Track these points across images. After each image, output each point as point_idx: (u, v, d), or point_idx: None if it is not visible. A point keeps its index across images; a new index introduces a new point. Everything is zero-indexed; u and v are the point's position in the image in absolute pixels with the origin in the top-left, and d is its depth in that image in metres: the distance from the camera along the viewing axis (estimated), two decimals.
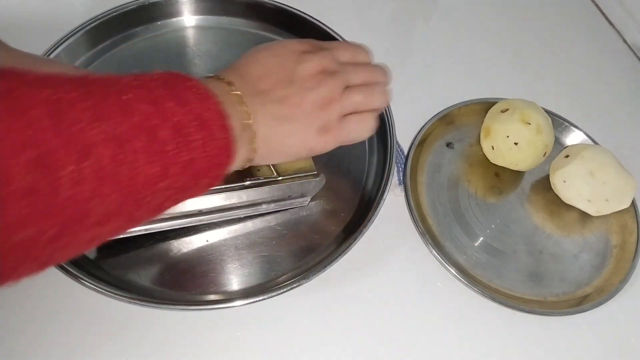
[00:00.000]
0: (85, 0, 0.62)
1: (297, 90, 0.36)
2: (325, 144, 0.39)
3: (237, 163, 0.35)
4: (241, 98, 0.34)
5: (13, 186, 0.22)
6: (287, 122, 0.36)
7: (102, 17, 0.58)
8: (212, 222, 0.48)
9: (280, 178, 0.46)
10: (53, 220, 0.24)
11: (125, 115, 0.27)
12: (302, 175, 0.47)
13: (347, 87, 0.38)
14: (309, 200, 0.51)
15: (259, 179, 0.45)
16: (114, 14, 0.58)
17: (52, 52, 0.55)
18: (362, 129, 0.40)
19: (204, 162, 0.31)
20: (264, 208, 0.49)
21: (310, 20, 0.61)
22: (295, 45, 0.39)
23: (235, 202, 0.47)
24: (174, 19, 0.62)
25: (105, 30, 0.58)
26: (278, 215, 0.51)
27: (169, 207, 0.32)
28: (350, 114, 0.39)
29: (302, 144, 0.38)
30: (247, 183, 0.45)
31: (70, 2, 0.62)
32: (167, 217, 0.45)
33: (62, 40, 0.55)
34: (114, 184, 0.26)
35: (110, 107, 0.26)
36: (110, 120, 0.26)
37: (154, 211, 0.31)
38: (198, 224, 0.48)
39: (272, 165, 0.46)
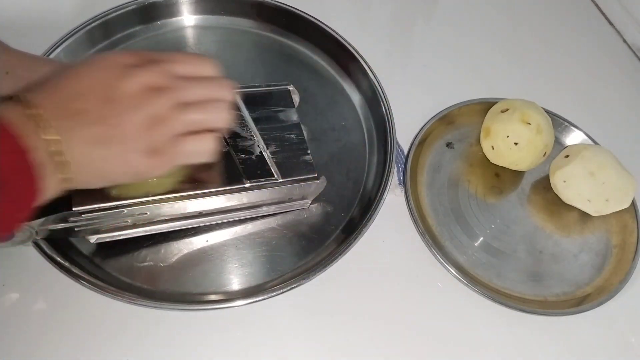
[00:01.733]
0: (85, 0, 0.62)
1: (117, 110, 0.33)
2: (154, 168, 0.35)
3: (48, 195, 0.32)
4: (46, 122, 0.30)
5: None
6: (105, 146, 0.33)
7: (102, 16, 0.58)
8: (212, 224, 0.48)
9: (280, 180, 0.46)
10: None
11: None
12: (303, 178, 0.47)
13: (182, 105, 0.35)
14: (309, 202, 0.51)
15: (259, 181, 0.45)
16: (114, 13, 0.58)
17: (52, 52, 0.55)
18: (198, 151, 0.36)
19: (4, 208, 0.29)
20: (264, 210, 0.49)
21: (310, 20, 0.61)
22: (120, 58, 0.34)
23: (236, 204, 0.47)
24: (173, 19, 0.62)
25: (105, 30, 0.58)
26: (278, 215, 0.50)
27: None
28: (189, 133, 0.36)
29: (126, 168, 0.34)
30: (247, 185, 0.45)
31: (71, 2, 0.62)
32: (167, 218, 0.45)
33: (62, 40, 0.55)
34: None
35: None
36: None
37: None
38: (199, 225, 0.48)
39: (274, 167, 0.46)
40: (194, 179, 0.44)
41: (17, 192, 0.29)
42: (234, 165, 0.46)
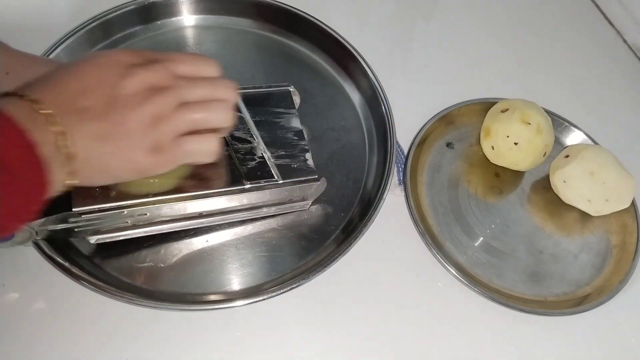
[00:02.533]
0: (85, 0, 0.62)
1: (120, 108, 0.33)
2: (157, 165, 0.36)
3: (56, 189, 0.32)
4: (53, 117, 0.31)
5: None
6: (109, 142, 0.33)
7: (102, 16, 0.58)
8: (212, 224, 0.48)
9: (281, 182, 0.46)
10: None
11: None
12: (303, 179, 0.47)
13: (185, 104, 0.35)
14: (310, 203, 0.50)
15: (259, 182, 0.45)
16: (114, 13, 0.58)
17: (52, 52, 0.54)
18: (201, 150, 0.36)
19: (16, 201, 0.29)
20: (264, 211, 0.49)
21: (310, 20, 0.61)
22: (122, 56, 0.35)
23: (236, 205, 0.47)
24: (173, 19, 0.62)
25: (105, 30, 0.58)
26: (278, 216, 0.50)
27: None
28: (191, 133, 0.36)
29: (129, 165, 0.35)
30: (248, 186, 0.45)
31: (71, 2, 0.62)
32: (167, 219, 0.45)
33: (62, 40, 0.55)
34: None
35: None
36: None
37: None
38: (199, 226, 0.48)
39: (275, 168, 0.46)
40: (195, 178, 0.44)
41: (28, 185, 0.30)
42: (235, 167, 0.46)
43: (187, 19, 0.62)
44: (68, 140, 0.31)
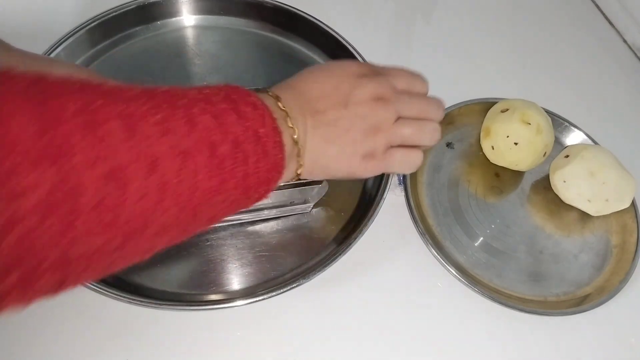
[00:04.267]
0: (85, 0, 0.62)
1: (349, 115, 0.37)
2: (365, 171, 0.39)
3: (285, 178, 0.36)
4: (293, 115, 0.35)
5: (85, 198, 0.23)
6: (335, 145, 0.37)
7: (102, 17, 0.58)
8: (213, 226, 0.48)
9: (282, 184, 0.46)
10: (118, 231, 0.25)
11: (191, 129, 0.28)
12: (305, 181, 0.47)
13: (399, 118, 0.39)
14: (311, 206, 0.50)
15: None
16: (114, 14, 0.58)
17: (52, 52, 0.54)
18: (405, 163, 0.40)
19: (256, 178, 0.32)
20: (265, 214, 0.49)
21: (310, 20, 0.61)
22: (353, 68, 0.39)
23: None
24: (173, 19, 0.62)
25: (105, 30, 0.58)
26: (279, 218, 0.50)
27: (220, 219, 0.34)
28: (398, 145, 0.39)
29: (345, 167, 0.38)
30: None
31: (70, 2, 0.62)
32: None
33: (62, 40, 0.55)
34: (175, 197, 0.27)
35: (177, 122, 0.27)
36: (177, 134, 0.27)
37: (207, 223, 0.33)
38: None
39: None
40: None
41: (268, 167, 0.33)
42: None
43: (187, 19, 0.62)
44: (302, 137, 0.35)
